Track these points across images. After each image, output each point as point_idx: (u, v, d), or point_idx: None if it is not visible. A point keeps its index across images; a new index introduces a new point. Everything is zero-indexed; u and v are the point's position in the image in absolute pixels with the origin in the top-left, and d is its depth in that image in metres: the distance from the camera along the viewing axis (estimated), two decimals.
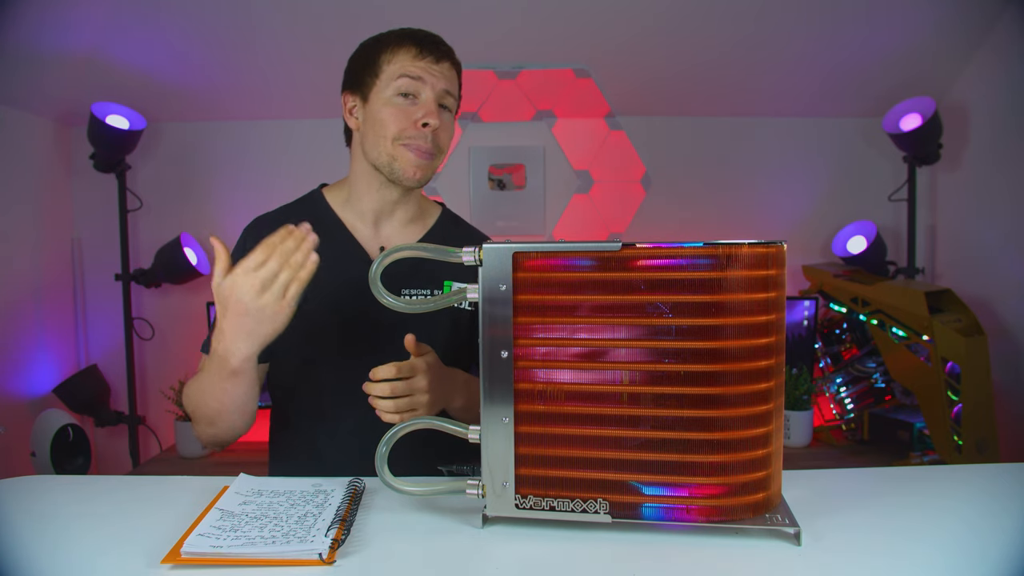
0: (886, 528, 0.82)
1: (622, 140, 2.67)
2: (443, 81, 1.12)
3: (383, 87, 1.11)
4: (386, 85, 1.11)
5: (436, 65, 1.11)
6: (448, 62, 1.14)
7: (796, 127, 2.76)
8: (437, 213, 1.27)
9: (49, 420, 2.26)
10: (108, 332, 2.65)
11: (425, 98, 1.11)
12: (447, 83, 1.13)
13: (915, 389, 2.21)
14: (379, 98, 1.11)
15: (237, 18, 2.24)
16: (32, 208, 2.42)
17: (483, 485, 0.83)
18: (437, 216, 1.26)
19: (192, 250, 2.48)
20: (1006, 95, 2.40)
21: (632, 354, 0.78)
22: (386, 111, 1.10)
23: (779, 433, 0.81)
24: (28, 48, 2.11)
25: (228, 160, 2.66)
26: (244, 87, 2.51)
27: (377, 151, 1.12)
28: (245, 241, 1.18)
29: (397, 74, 1.10)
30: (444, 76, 1.12)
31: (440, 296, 0.87)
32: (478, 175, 2.70)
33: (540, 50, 2.48)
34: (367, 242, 1.18)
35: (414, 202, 1.21)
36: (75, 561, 0.76)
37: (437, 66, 1.12)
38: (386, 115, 1.10)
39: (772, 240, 0.77)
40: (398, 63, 1.10)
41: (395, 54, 1.11)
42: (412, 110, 1.10)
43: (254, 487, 0.94)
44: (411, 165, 1.11)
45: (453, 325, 1.19)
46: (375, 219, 1.19)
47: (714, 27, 2.36)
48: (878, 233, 2.59)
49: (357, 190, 1.18)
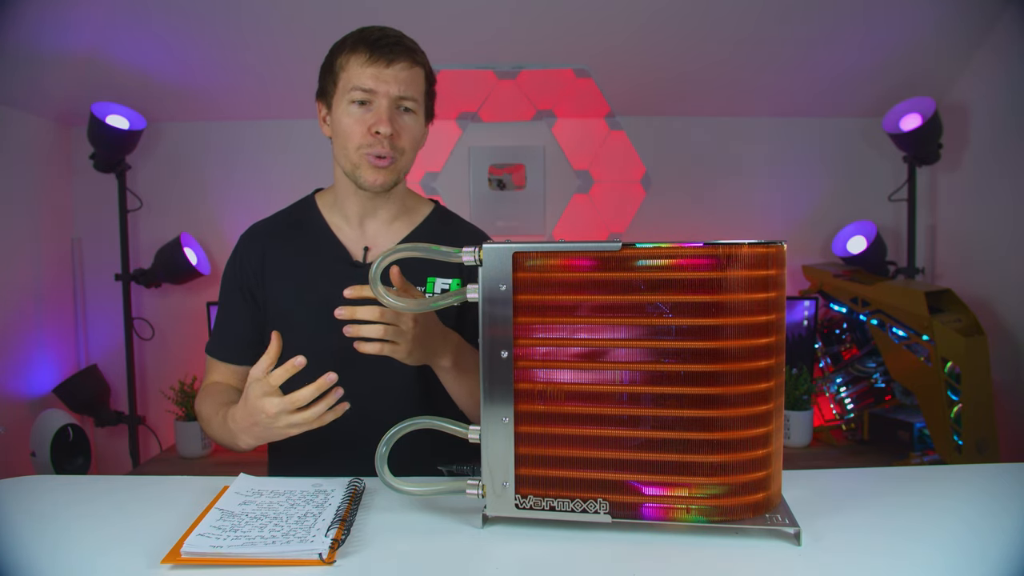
0: (886, 528, 0.82)
1: (622, 140, 2.67)
2: (395, 85, 1.09)
3: (340, 96, 1.11)
4: (343, 94, 1.11)
5: (388, 69, 1.09)
6: (403, 62, 1.11)
7: (796, 127, 2.76)
8: (427, 210, 1.27)
9: (49, 420, 2.26)
10: (108, 332, 2.64)
11: (377, 105, 1.10)
12: (401, 85, 1.10)
13: (915, 389, 2.21)
14: (338, 107, 1.12)
15: (237, 18, 2.24)
16: (32, 208, 2.42)
17: (483, 485, 0.83)
18: (427, 213, 1.26)
19: (192, 250, 2.48)
20: (1006, 95, 2.40)
21: (632, 354, 0.78)
22: (345, 121, 1.11)
23: (779, 433, 0.81)
24: (28, 48, 2.11)
25: (228, 160, 2.66)
26: (244, 87, 2.51)
27: (344, 159, 1.13)
28: (235, 250, 1.22)
29: (350, 83, 1.10)
30: (396, 79, 1.09)
31: (440, 296, 0.87)
32: (478, 175, 2.70)
33: (540, 50, 2.48)
34: (352, 243, 1.20)
35: (397, 201, 1.22)
36: (75, 561, 0.76)
37: (389, 70, 1.09)
38: (345, 125, 1.11)
39: (772, 240, 0.77)
40: (350, 70, 1.10)
41: (348, 61, 1.10)
42: (367, 118, 1.10)
43: (254, 487, 0.94)
44: (371, 172, 1.12)
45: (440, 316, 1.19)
46: (359, 220, 1.20)
47: (714, 27, 2.36)
48: (878, 233, 2.59)
49: (339, 194, 1.20)
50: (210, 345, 1.23)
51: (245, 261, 1.19)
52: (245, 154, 2.66)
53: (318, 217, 1.22)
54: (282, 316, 1.16)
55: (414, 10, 2.20)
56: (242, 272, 1.19)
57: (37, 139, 2.45)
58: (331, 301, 1.13)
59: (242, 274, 1.19)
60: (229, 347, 1.20)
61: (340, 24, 1.23)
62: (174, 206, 2.64)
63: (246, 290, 1.19)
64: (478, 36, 2.40)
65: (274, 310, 1.17)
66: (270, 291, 1.18)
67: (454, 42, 2.40)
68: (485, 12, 2.30)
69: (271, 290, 1.18)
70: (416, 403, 1.18)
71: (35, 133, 2.44)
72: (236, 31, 2.29)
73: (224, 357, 1.20)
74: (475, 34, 2.39)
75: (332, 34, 1.18)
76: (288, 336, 1.14)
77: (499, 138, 2.70)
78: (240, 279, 1.19)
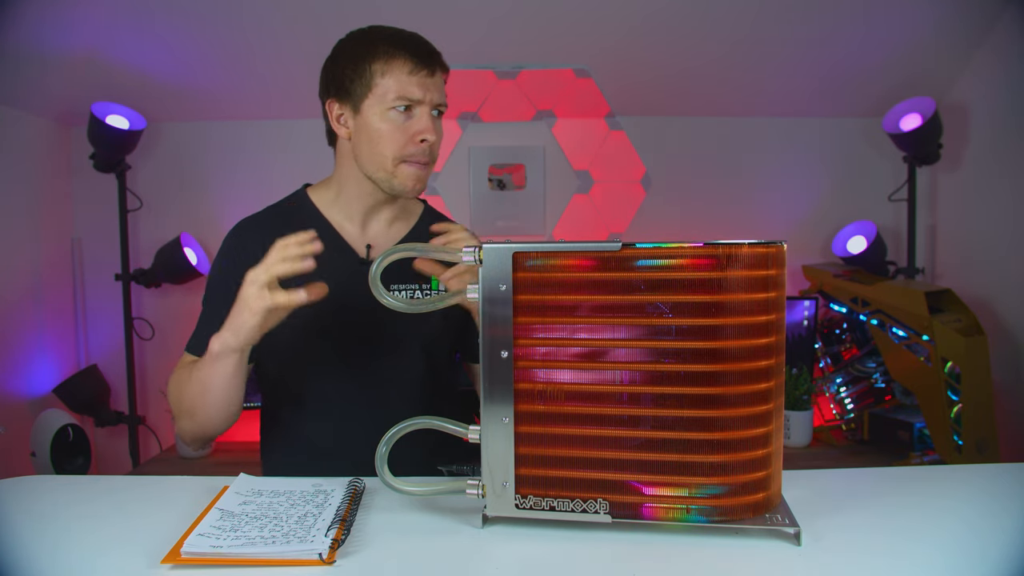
0: (886, 528, 0.82)
1: (622, 140, 2.67)
2: (437, 93, 1.11)
3: (377, 101, 1.09)
4: (380, 99, 1.08)
5: (431, 78, 1.10)
6: (442, 71, 1.13)
7: (796, 127, 2.76)
8: (419, 210, 1.28)
9: (49, 420, 2.25)
10: (108, 332, 2.64)
11: (421, 113, 1.10)
12: (440, 93, 1.12)
13: (915, 389, 2.21)
14: (373, 112, 1.09)
15: (237, 18, 2.24)
16: (32, 208, 2.42)
17: (483, 485, 0.83)
18: (420, 213, 1.27)
19: (192, 250, 2.48)
20: (1006, 95, 2.40)
21: (632, 354, 0.78)
22: (384, 128, 1.09)
23: (779, 433, 0.81)
24: (28, 48, 2.11)
25: (228, 160, 2.66)
26: (244, 87, 2.51)
27: (374, 166, 1.11)
28: (228, 245, 1.18)
29: (393, 90, 1.08)
30: (438, 87, 1.11)
31: (440, 296, 0.87)
32: (478, 175, 2.70)
33: (540, 50, 2.49)
34: (355, 241, 1.19)
35: (399, 201, 1.22)
36: (75, 561, 0.76)
37: (432, 79, 1.10)
38: (384, 132, 1.09)
39: (772, 240, 0.77)
40: (393, 78, 1.08)
41: (389, 66, 1.08)
42: (409, 125, 1.09)
43: (254, 487, 0.94)
44: (411, 179, 1.12)
45: (443, 316, 1.19)
46: (363, 219, 1.20)
47: (714, 27, 2.36)
48: (878, 233, 2.59)
49: (347, 192, 1.18)
50: (196, 344, 1.16)
51: (240, 258, 1.13)
52: (245, 154, 2.66)
53: (316, 213, 1.19)
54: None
55: (414, 9, 2.20)
56: (236, 269, 1.11)
57: (37, 139, 2.45)
58: (338, 299, 1.13)
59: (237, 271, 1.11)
60: None
61: (341, 24, 1.22)
62: (174, 206, 2.64)
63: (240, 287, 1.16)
64: (478, 36, 2.40)
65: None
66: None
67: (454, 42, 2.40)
68: (485, 12, 2.30)
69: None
70: (423, 398, 1.18)
71: (35, 133, 2.44)
72: (236, 31, 2.29)
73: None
74: (475, 34, 2.39)
75: (333, 34, 1.17)
76: (292, 334, 1.14)
77: (499, 138, 2.70)
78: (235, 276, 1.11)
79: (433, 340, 1.20)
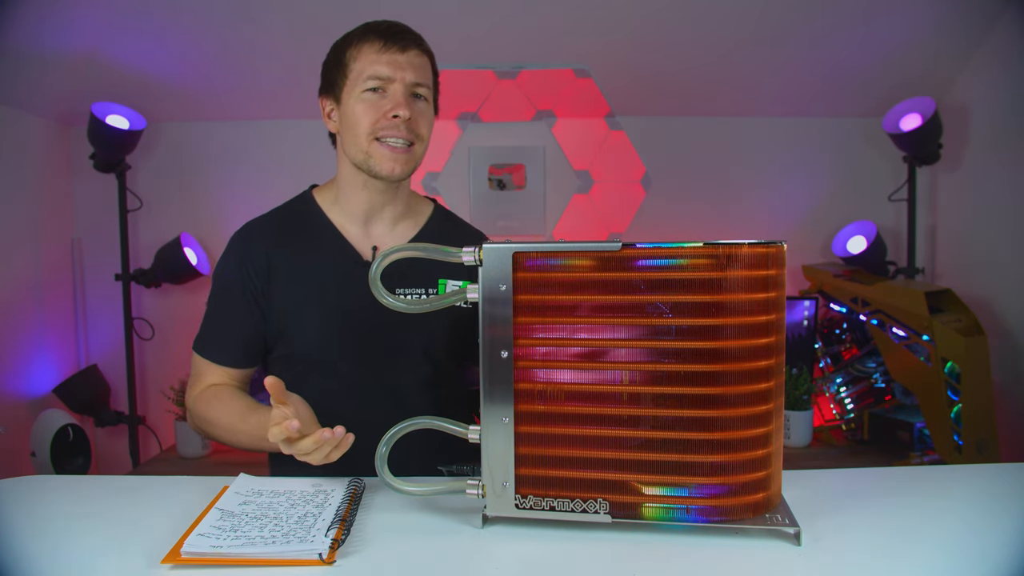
0: (886, 528, 0.82)
1: (622, 140, 2.67)
2: (411, 71, 1.11)
3: (352, 85, 1.11)
4: (355, 83, 1.10)
5: (402, 55, 1.10)
6: (415, 49, 1.12)
7: (796, 127, 2.76)
8: (429, 210, 1.26)
9: (49, 420, 2.25)
10: (108, 332, 2.64)
11: (394, 90, 1.10)
12: (415, 72, 1.11)
13: (915, 389, 2.21)
14: (350, 97, 1.11)
15: (237, 18, 2.24)
16: (32, 208, 2.42)
17: (483, 485, 0.83)
18: (429, 213, 1.26)
19: (192, 250, 2.48)
20: (1006, 95, 2.40)
21: (632, 354, 0.78)
22: (358, 108, 1.10)
23: (779, 433, 0.81)
24: (28, 48, 2.11)
25: (228, 160, 2.66)
26: (244, 87, 2.51)
27: (354, 149, 1.12)
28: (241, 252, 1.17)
29: (364, 70, 1.10)
30: (412, 65, 1.11)
31: (440, 296, 0.86)
32: (478, 175, 2.70)
33: (539, 49, 2.49)
34: (358, 242, 1.18)
35: (403, 200, 1.21)
36: (75, 561, 0.76)
37: (403, 56, 1.10)
38: (358, 111, 1.10)
39: (772, 240, 0.77)
40: (363, 59, 1.10)
41: (360, 50, 1.11)
42: (382, 103, 1.10)
43: (254, 487, 0.94)
44: (387, 160, 1.11)
45: (452, 322, 1.19)
46: (364, 219, 1.19)
47: (714, 27, 2.36)
48: (878, 233, 2.59)
49: (345, 191, 1.18)
50: (203, 345, 1.18)
51: (247, 262, 1.15)
52: (245, 154, 2.66)
53: (320, 215, 1.19)
54: (291, 318, 1.14)
55: (414, 9, 2.20)
56: (244, 274, 1.14)
57: (37, 139, 2.45)
58: (342, 301, 1.13)
59: (244, 276, 1.14)
60: (227, 351, 1.17)
61: (341, 23, 1.22)
62: (174, 206, 2.64)
63: (248, 293, 1.14)
64: (478, 36, 2.40)
65: (281, 312, 1.14)
66: (277, 293, 1.14)
67: (454, 42, 2.40)
68: (485, 12, 2.30)
69: (278, 292, 1.14)
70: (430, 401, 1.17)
71: (35, 133, 2.44)
72: (236, 31, 2.29)
73: (221, 360, 1.17)
74: (475, 34, 2.39)
75: (332, 33, 1.18)
76: (298, 337, 1.14)
77: (499, 138, 2.70)
78: (242, 281, 1.15)
79: (438, 344, 1.19)
